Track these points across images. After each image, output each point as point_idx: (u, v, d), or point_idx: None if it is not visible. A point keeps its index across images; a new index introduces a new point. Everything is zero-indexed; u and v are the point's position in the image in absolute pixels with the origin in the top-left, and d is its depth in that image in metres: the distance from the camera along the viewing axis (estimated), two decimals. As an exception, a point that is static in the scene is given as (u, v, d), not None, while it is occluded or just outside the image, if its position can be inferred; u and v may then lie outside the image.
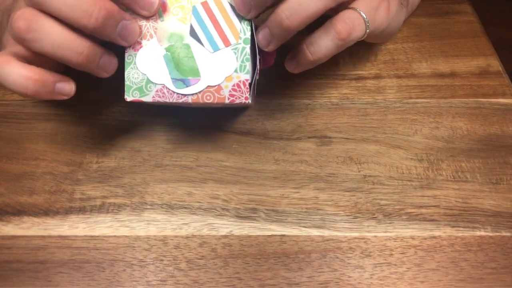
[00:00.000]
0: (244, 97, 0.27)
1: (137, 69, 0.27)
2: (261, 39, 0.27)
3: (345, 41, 0.27)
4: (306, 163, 0.32)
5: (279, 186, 0.31)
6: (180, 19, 0.27)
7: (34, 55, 0.25)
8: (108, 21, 0.24)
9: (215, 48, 0.27)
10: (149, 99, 0.27)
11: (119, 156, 0.33)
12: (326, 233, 0.29)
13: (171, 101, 0.27)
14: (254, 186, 0.31)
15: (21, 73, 0.23)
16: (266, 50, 0.28)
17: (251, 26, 0.27)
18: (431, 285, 0.27)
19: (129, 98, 0.27)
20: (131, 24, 0.26)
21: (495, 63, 0.37)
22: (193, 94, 0.27)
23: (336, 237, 0.29)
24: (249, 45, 0.26)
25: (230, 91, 0.27)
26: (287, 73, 0.31)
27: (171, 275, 0.28)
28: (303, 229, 0.29)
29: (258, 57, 0.29)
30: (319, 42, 0.27)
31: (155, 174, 0.32)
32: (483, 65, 0.37)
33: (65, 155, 0.33)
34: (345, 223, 0.30)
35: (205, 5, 0.26)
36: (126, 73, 0.27)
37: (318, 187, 0.31)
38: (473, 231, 0.29)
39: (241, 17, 0.26)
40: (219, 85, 0.27)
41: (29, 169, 0.32)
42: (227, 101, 0.27)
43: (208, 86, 0.27)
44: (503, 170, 0.32)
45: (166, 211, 0.30)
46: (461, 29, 0.40)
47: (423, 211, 0.30)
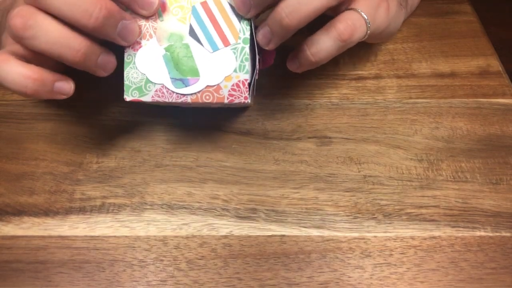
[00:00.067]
0: (243, 97, 0.27)
1: (136, 69, 0.27)
2: (261, 37, 0.27)
3: (347, 42, 0.26)
4: (306, 163, 0.32)
5: (279, 186, 0.31)
6: (179, 19, 0.27)
7: (32, 54, 0.25)
8: (108, 21, 0.24)
9: (215, 48, 0.27)
10: (148, 99, 0.27)
11: (119, 156, 0.33)
12: (326, 233, 0.29)
13: (170, 101, 0.27)
14: (254, 186, 0.31)
15: (20, 72, 0.23)
16: (266, 48, 0.28)
17: (251, 26, 0.27)
18: (431, 285, 0.27)
19: (128, 98, 0.27)
20: (131, 24, 0.25)
21: (495, 63, 0.37)
22: (192, 94, 0.27)
23: (336, 237, 0.29)
24: (248, 45, 0.26)
25: (229, 91, 0.27)
26: (287, 73, 0.31)
27: (171, 275, 0.28)
28: (303, 229, 0.29)
29: (257, 57, 0.29)
30: (320, 43, 0.27)
31: (155, 174, 0.32)
32: (483, 65, 0.37)
33: (65, 155, 0.33)
34: (345, 223, 0.30)
35: (204, 5, 0.26)
36: (125, 72, 0.27)
37: (318, 187, 0.31)
38: (473, 231, 0.29)
39: (240, 17, 0.26)
40: (218, 85, 0.27)
41: (29, 169, 0.32)
42: (226, 101, 0.27)
43: (207, 86, 0.27)
44: (503, 170, 0.32)
45: (166, 211, 0.30)
46: (461, 29, 0.40)
47: (423, 211, 0.30)
